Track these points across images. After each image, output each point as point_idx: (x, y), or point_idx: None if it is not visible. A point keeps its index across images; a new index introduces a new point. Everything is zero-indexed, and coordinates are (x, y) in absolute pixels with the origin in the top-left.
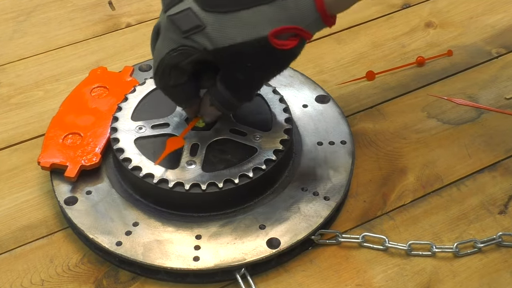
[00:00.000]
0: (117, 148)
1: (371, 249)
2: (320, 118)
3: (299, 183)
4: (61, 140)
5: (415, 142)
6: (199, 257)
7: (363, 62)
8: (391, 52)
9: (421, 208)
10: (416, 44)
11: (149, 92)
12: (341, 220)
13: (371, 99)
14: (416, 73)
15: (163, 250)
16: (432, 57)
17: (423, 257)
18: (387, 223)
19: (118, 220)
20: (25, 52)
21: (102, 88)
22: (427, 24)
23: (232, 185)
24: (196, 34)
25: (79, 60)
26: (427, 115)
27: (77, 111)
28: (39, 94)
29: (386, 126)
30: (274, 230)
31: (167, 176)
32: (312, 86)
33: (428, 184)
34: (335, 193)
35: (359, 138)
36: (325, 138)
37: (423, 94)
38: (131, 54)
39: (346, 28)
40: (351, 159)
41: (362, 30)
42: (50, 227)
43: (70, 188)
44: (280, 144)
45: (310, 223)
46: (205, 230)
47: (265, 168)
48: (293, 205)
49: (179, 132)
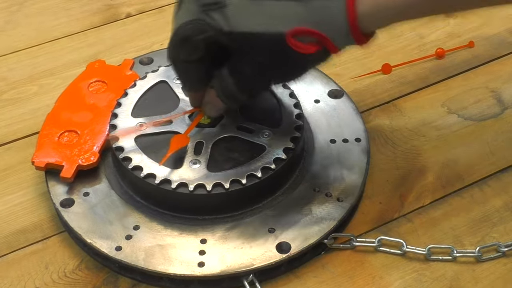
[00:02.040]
0: (117, 147)
1: (387, 254)
2: (333, 114)
3: (310, 184)
4: (57, 138)
5: (434, 139)
6: (204, 263)
7: (378, 54)
8: (409, 44)
9: (441, 210)
10: (436, 35)
11: (151, 87)
12: (355, 223)
13: (388, 94)
14: (436, 66)
15: (166, 255)
16: (453, 48)
17: (443, 262)
18: (405, 226)
19: (118, 223)
20: (18, 44)
21: (100, 83)
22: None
23: (239, 185)
24: (215, 11)
25: (76, 53)
26: (447, 111)
27: (74, 107)
28: (33, 89)
29: (404, 122)
30: (284, 233)
31: (169, 177)
32: (325, 80)
33: (449, 184)
34: (349, 194)
35: (375, 136)
36: (338, 136)
37: (443, 88)
38: (131, 46)
39: None
40: (366, 158)
41: None
42: (45, 231)
43: (66, 190)
44: (291, 142)
45: (322, 226)
46: (211, 234)
47: (275, 167)
48: (304, 207)
49: (183, 130)
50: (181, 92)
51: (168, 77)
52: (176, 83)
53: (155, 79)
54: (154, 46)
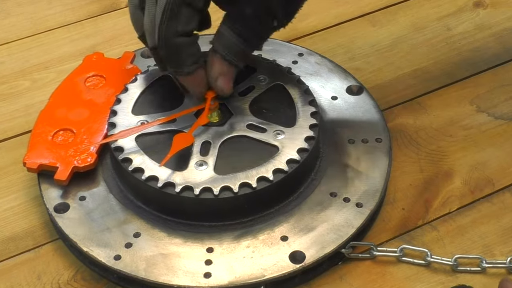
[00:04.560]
0: (116, 147)
1: (411, 265)
2: (351, 112)
3: (327, 188)
4: (51, 138)
5: (462, 140)
6: (211, 274)
7: (401, 48)
8: (435, 36)
9: (469, 217)
10: (464, 26)
11: (153, 82)
12: (376, 230)
13: (411, 90)
14: (463, 60)
15: (169, 265)
16: None
17: (471, 273)
18: (430, 234)
19: (117, 230)
20: (9, 35)
21: (98, 77)
22: (476, 4)
23: (249, 189)
24: None
25: (72, 44)
26: (476, 109)
27: (69, 103)
28: (25, 84)
29: (429, 121)
30: (298, 242)
31: (173, 179)
32: (343, 75)
33: (478, 189)
34: (369, 199)
35: (397, 136)
36: (357, 135)
37: (471, 85)
38: (132, 38)
39: (382, 8)
40: (387, 160)
41: (401, 10)
42: (37, 239)
43: (60, 193)
44: (305, 142)
45: (340, 234)
46: (218, 242)
47: (288, 170)
48: (320, 213)
49: (188, 128)
50: None
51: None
52: None
53: (157, 73)
54: None
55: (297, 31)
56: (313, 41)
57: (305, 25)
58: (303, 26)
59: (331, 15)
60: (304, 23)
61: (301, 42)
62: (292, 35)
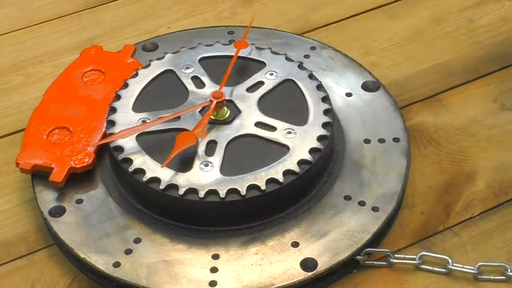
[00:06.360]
0: (115, 146)
1: (430, 273)
2: (367, 109)
3: (341, 190)
4: (46, 136)
5: (485, 140)
6: (217, 282)
7: (420, 41)
8: (456, 29)
9: (493, 222)
10: (487, 18)
11: (155, 77)
12: (393, 236)
13: (431, 87)
14: (487, 55)
15: (172, 272)
16: None
17: (495, 282)
18: (451, 240)
19: (116, 235)
20: (1, 27)
21: (97, 72)
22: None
23: (257, 192)
24: None
25: (68, 37)
26: (500, 107)
27: (66, 100)
28: (18, 80)
29: (450, 120)
30: (310, 248)
31: (176, 181)
32: (358, 70)
33: (502, 192)
34: (385, 202)
35: (416, 135)
36: (373, 135)
37: (495, 81)
38: (133, 30)
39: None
40: (405, 161)
41: (420, 1)
42: (30, 245)
43: (56, 196)
44: (318, 141)
45: (354, 240)
46: (224, 249)
47: (299, 171)
48: (333, 218)
49: (192, 127)
50: (190, 83)
51: (175, 65)
52: (185, 72)
53: (160, 68)
54: (159, 30)
55: (310, 23)
56: (326, 34)
57: (318, 17)
58: (315, 18)
59: (346, 7)
60: (317, 15)
61: (314, 35)
62: (304, 27)
